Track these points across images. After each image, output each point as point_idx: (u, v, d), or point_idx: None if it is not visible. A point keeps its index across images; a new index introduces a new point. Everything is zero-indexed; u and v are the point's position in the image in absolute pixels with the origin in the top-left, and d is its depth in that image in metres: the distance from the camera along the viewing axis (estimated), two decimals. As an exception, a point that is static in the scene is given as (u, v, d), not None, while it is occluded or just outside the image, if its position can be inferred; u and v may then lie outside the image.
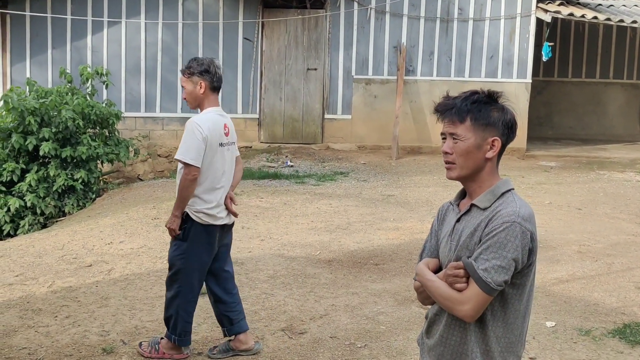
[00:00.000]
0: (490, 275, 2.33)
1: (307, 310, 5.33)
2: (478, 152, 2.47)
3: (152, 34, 13.42)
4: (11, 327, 4.93)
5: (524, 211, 2.40)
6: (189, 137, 4.33)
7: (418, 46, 13.87)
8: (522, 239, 2.36)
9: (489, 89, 2.57)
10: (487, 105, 2.50)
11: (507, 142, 2.50)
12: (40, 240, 7.69)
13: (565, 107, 16.99)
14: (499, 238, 2.35)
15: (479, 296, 2.35)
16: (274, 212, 8.65)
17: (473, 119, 2.47)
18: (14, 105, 9.88)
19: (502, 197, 2.46)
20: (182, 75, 4.47)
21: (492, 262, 2.34)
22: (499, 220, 2.38)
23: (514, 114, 2.53)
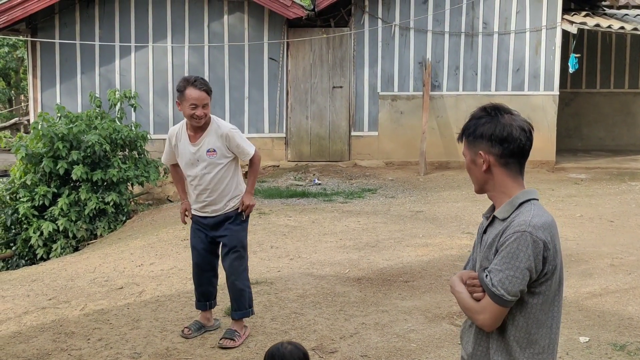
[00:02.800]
0: (503, 286, 2.36)
1: (337, 329, 5.32)
2: (475, 167, 2.55)
3: (179, 56, 13.58)
4: (45, 351, 4.98)
5: (536, 220, 2.40)
6: (241, 137, 5.12)
7: (443, 61, 13.86)
8: (534, 247, 2.36)
9: (492, 103, 2.62)
10: (479, 120, 2.55)
11: (506, 152, 2.49)
12: (72, 263, 7.78)
13: (594, 118, 16.81)
14: (511, 248, 2.37)
15: (493, 307, 2.39)
16: (303, 230, 8.66)
17: (467, 136, 2.57)
18: (43, 132, 10.05)
19: (520, 208, 2.47)
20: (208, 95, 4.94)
21: (505, 273, 2.36)
22: (510, 230, 2.40)
23: (512, 123, 2.52)
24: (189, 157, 5.01)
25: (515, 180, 2.52)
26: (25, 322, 5.60)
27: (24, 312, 5.87)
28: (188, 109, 4.82)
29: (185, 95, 4.80)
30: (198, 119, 4.82)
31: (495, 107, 2.58)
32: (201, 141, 4.94)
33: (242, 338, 5.06)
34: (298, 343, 3.25)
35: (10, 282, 7.03)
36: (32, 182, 10.10)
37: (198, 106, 4.79)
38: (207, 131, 4.93)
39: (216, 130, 4.93)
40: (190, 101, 4.78)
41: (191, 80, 4.85)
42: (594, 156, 15.28)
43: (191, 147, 4.98)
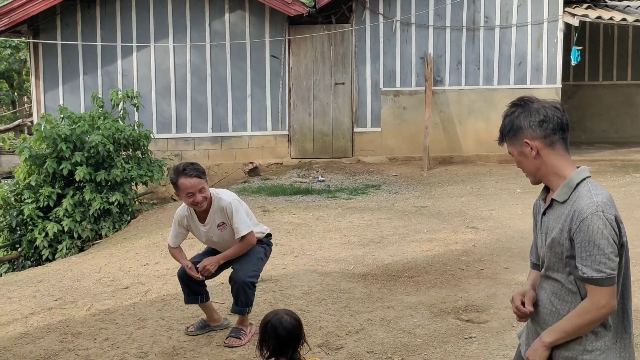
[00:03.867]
0: (600, 269, 2.49)
1: (343, 326, 5.32)
2: (525, 159, 2.67)
3: (181, 55, 13.59)
4: (52, 351, 4.99)
5: (600, 198, 2.53)
6: (239, 213, 4.99)
7: (445, 56, 13.85)
8: (610, 224, 2.50)
9: (519, 97, 2.74)
10: (512, 115, 2.68)
11: (549, 132, 2.63)
12: (77, 264, 7.80)
13: (597, 111, 16.78)
14: (589, 233, 2.49)
15: (606, 291, 2.51)
16: (307, 227, 8.66)
17: (506, 137, 2.70)
18: (46, 134, 10.08)
19: (578, 188, 2.59)
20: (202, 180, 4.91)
21: (596, 258, 2.49)
22: (581, 215, 2.51)
23: (545, 105, 2.65)
24: (203, 235, 5.13)
25: (565, 159, 2.67)
26: (32, 323, 5.62)
27: (30, 313, 5.89)
28: (187, 199, 4.86)
29: (180, 186, 4.81)
30: (199, 205, 4.88)
31: (522, 99, 2.71)
32: (209, 220, 5.04)
33: (248, 336, 5.07)
34: (291, 311, 3.38)
35: (17, 283, 7.05)
36: (36, 183, 10.12)
37: (195, 193, 4.81)
38: (211, 209, 5.00)
39: (218, 204, 4.99)
40: (186, 190, 4.81)
41: (180, 169, 4.84)
42: (597, 149, 15.25)
43: (203, 228, 5.08)
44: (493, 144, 13.77)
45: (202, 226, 5.05)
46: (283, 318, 3.27)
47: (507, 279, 6.33)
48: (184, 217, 5.10)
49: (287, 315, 3.30)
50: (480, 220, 8.82)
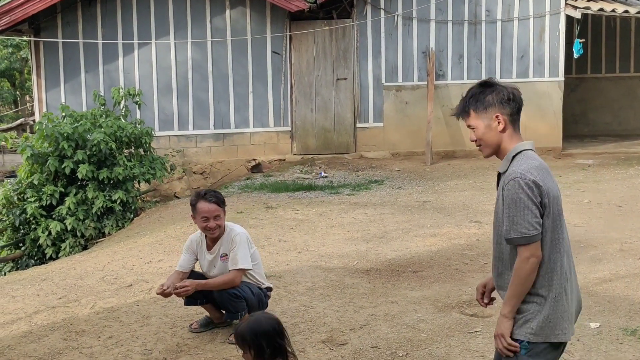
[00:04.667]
0: (517, 229, 2.84)
1: (347, 321, 5.31)
2: (491, 131, 3.02)
3: (182, 52, 13.57)
4: (56, 349, 4.99)
5: (523, 167, 2.89)
6: (242, 248, 4.98)
7: (447, 50, 13.81)
8: (527, 187, 2.84)
9: (483, 80, 3.11)
10: (481, 94, 3.03)
11: (514, 110, 3.03)
12: (81, 262, 7.80)
13: (600, 104, 16.74)
14: (510, 196, 2.87)
15: (526, 248, 2.85)
16: (310, 223, 8.65)
17: (475, 109, 3.03)
18: (48, 132, 10.07)
19: (513, 160, 2.97)
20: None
21: (515, 218, 2.84)
22: (505, 181, 2.91)
23: (509, 88, 3.05)
24: (206, 264, 5.14)
25: (519, 137, 3.04)
26: (36, 321, 5.62)
27: (34, 311, 5.89)
28: (200, 222, 4.94)
29: (197, 209, 4.92)
30: (211, 231, 4.94)
31: (487, 81, 3.08)
32: (216, 249, 5.07)
33: None
34: (271, 315, 3.20)
35: (20, 282, 7.05)
36: (39, 181, 10.13)
37: (209, 218, 4.89)
38: (221, 239, 5.05)
39: (229, 234, 5.03)
40: (202, 214, 4.90)
41: (202, 194, 4.98)
42: (600, 141, 15.22)
43: (208, 255, 5.11)
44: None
45: (208, 254, 5.10)
46: (258, 319, 3.08)
47: (511, 272, 6.30)
48: (194, 241, 5.16)
49: (261, 317, 3.12)
50: (484, 214, 8.80)
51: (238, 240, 4.96)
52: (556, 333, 2.91)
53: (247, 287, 5.03)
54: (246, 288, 5.01)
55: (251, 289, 5.04)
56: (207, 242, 5.10)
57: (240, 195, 11.03)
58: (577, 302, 3.06)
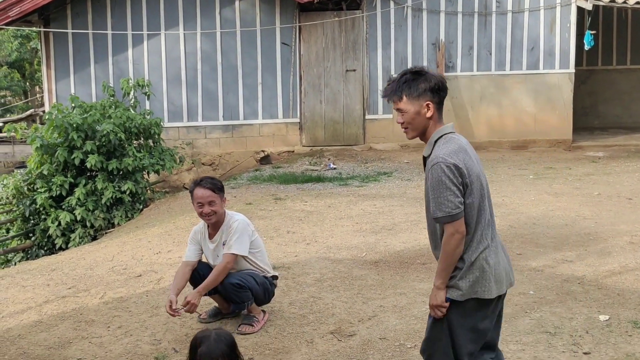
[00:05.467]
0: (442, 209, 3.15)
1: (355, 312, 5.32)
2: (419, 117, 3.27)
3: (191, 43, 13.57)
4: (66, 339, 5.02)
5: (444, 151, 3.18)
6: (239, 234, 4.98)
7: (457, 42, 13.76)
8: (449, 170, 3.13)
9: (412, 67, 3.34)
10: (414, 81, 3.25)
11: (441, 99, 3.29)
12: (90, 252, 7.83)
13: (611, 96, 16.64)
14: (433, 179, 3.17)
15: (450, 226, 3.16)
16: (319, 215, 8.66)
17: (407, 95, 3.26)
18: (57, 123, 10.10)
19: (436, 144, 3.26)
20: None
21: (439, 199, 3.15)
22: (428, 166, 3.22)
23: (439, 77, 3.28)
24: (210, 253, 5.15)
25: (441, 121, 3.32)
26: (46, 311, 5.65)
27: (44, 301, 5.92)
28: (197, 208, 4.99)
29: (193, 195, 4.98)
30: (206, 216, 4.96)
31: (417, 68, 3.31)
32: (217, 238, 5.08)
33: (260, 323, 5.08)
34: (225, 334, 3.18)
35: (30, 271, 7.09)
36: (48, 172, 10.16)
37: (204, 204, 4.92)
38: (222, 227, 5.06)
39: (228, 222, 5.05)
40: (197, 200, 4.95)
41: (198, 180, 5.04)
42: (611, 134, 15.15)
43: (210, 244, 5.12)
44: (505, 130, 13.74)
45: (210, 243, 5.11)
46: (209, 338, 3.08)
47: (520, 265, 6.30)
48: (198, 232, 5.18)
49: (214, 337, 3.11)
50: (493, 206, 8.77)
51: (235, 226, 4.97)
52: (479, 291, 3.22)
53: (251, 277, 5.03)
54: (250, 278, 5.02)
55: (255, 279, 5.05)
56: (209, 231, 5.12)
57: (249, 187, 11.04)
58: (505, 270, 3.34)
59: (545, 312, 5.14)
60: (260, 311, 5.17)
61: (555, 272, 6.09)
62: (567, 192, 9.56)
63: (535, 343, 4.62)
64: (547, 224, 7.82)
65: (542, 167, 11.80)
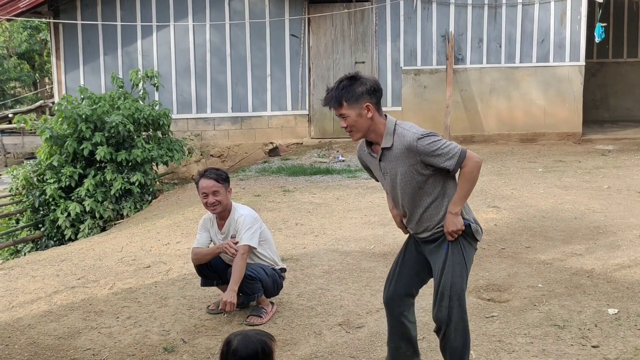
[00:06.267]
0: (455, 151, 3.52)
1: (363, 304, 5.32)
2: (362, 118, 3.55)
3: (200, 35, 13.57)
4: (75, 329, 5.05)
5: (414, 129, 3.57)
6: (248, 227, 4.99)
7: (466, 34, 13.70)
8: (433, 134, 3.55)
9: (349, 73, 3.59)
10: (350, 87, 3.51)
11: (378, 99, 3.59)
12: (99, 243, 7.86)
13: (621, 89, 16.56)
14: (431, 147, 3.50)
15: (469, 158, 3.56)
16: (327, 207, 8.66)
17: (346, 101, 3.52)
18: (66, 114, 10.12)
19: (396, 131, 3.58)
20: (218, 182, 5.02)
21: (444, 150, 3.51)
22: (412, 145, 3.52)
23: (373, 80, 3.58)
24: (219, 244, 5.15)
25: (382, 119, 3.61)
26: (56, 301, 5.68)
27: (54, 291, 5.95)
28: (202, 198, 5.02)
29: (199, 186, 5.02)
30: (211, 206, 4.99)
31: (351, 74, 3.56)
32: (226, 229, 5.10)
33: (269, 315, 5.09)
34: (258, 336, 2.88)
35: (40, 262, 7.13)
36: (58, 163, 10.20)
37: (208, 194, 4.95)
38: (229, 219, 5.08)
39: (234, 215, 5.06)
40: (202, 190, 4.98)
41: (203, 171, 5.07)
42: (621, 127, 15.07)
43: (219, 235, 5.14)
44: (515, 123, 13.69)
45: (219, 234, 5.13)
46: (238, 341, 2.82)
47: (528, 258, 6.29)
48: (207, 219, 5.21)
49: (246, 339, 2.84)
50: (502, 199, 8.76)
51: (242, 220, 4.98)
52: (478, 229, 3.75)
53: (261, 269, 5.05)
54: (260, 269, 5.04)
55: (265, 270, 5.06)
56: (217, 220, 5.13)
57: (258, 179, 11.05)
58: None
59: (554, 305, 5.13)
60: (269, 303, 5.18)
61: (564, 266, 6.07)
62: (576, 186, 9.53)
63: (543, 336, 4.61)
64: (556, 217, 7.79)
65: (552, 160, 11.76)
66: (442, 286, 3.68)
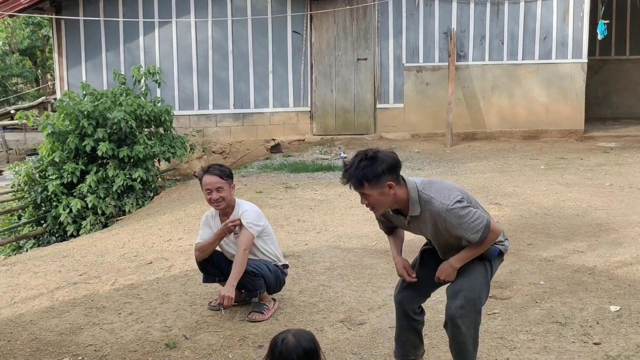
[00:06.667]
0: (482, 224, 3.51)
1: (365, 301, 5.32)
2: (384, 196, 3.50)
3: (202, 31, 13.56)
4: (77, 325, 5.05)
5: (440, 197, 3.49)
6: (252, 219, 5.01)
7: (469, 31, 13.68)
8: (460, 206, 3.47)
9: (362, 151, 3.52)
10: (372, 167, 3.44)
11: (399, 173, 3.53)
12: (101, 239, 7.87)
13: (623, 86, 16.53)
14: (457, 221, 3.48)
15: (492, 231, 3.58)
16: (329, 204, 8.66)
17: (367, 182, 3.45)
18: (68, 110, 10.13)
19: (421, 198, 3.53)
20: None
21: (472, 225, 3.50)
22: (442, 212, 3.47)
23: (392, 155, 3.51)
24: (223, 241, 5.15)
25: (403, 188, 3.55)
26: (58, 297, 5.69)
27: (55, 287, 5.96)
28: (205, 194, 5.00)
29: (202, 182, 5.00)
30: (215, 202, 4.97)
31: (367, 152, 3.49)
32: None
33: (270, 311, 5.09)
34: (306, 335, 2.92)
35: (42, 258, 7.13)
36: (60, 159, 10.20)
37: (212, 190, 4.93)
38: (232, 215, 5.06)
39: (237, 211, 5.05)
40: (205, 186, 4.96)
41: (206, 167, 5.05)
42: (623, 124, 15.05)
43: None
44: (517, 120, 13.68)
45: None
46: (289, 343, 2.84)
47: (530, 255, 6.28)
48: (209, 216, 5.19)
49: (295, 338, 2.87)
50: (504, 196, 8.76)
51: (246, 216, 4.98)
52: (508, 245, 3.86)
53: (265, 265, 5.05)
54: (263, 265, 5.03)
55: (268, 267, 5.06)
56: (220, 217, 5.12)
57: (260, 175, 11.05)
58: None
59: (556, 303, 5.13)
60: (271, 299, 5.18)
61: (566, 263, 6.07)
62: (578, 183, 9.52)
63: (545, 333, 4.61)
64: (558, 214, 7.79)
65: (554, 157, 11.75)
66: (459, 286, 3.67)
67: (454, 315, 3.63)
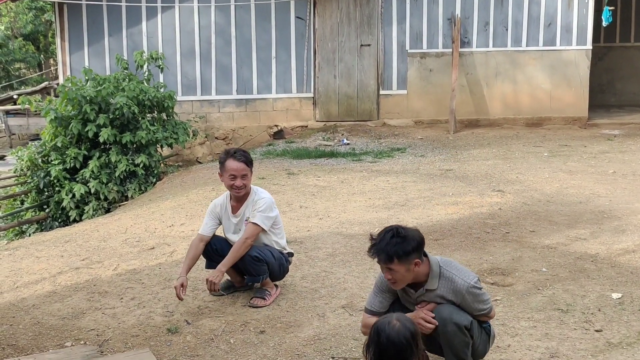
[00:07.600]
0: (489, 304, 3.76)
1: (367, 287, 5.32)
2: (409, 273, 3.61)
3: (205, 16, 13.51)
4: (79, 310, 5.06)
5: (462, 275, 3.68)
6: (265, 207, 5.02)
7: (473, 17, 13.62)
8: (478, 286, 3.69)
9: (388, 228, 3.62)
10: (403, 244, 3.54)
11: (423, 250, 3.65)
12: (104, 224, 7.88)
13: (628, 73, 16.47)
14: (474, 299, 3.67)
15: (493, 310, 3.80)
16: (332, 190, 8.65)
17: (397, 258, 3.55)
18: (71, 96, 10.11)
19: (442, 275, 3.68)
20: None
21: (483, 305, 3.72)
22: (462, 289, 3.64)
23: (418, 233, 3.64)
24: (232, 227, 5.14)
25: (426, 263, 3.68)
26: (60, 281, 5.70)
27: (58, 272, 5.97)
28: (228, 180, 4.95)
29: (225, 167, 4.95)
30: (237, 189, 4.96)
31: (398, 229, 3.58)
32: (241, 212, 5.07)
33: (272, 297, 5.10)
34: (408, 318, 3.08)
35: (45, 243, 7.15)
36: (62, 144, 10.20)
37: (237, 177, 4.91)
38: (246, 202, 5.05)
39: (253, 198, 5.04)
40: (230, 172, 4.92)
41: (231, 152, 5.00)
42: (627, 112, 15.00)
43: (233, 219, 5.11)
44: (520, 107, 13.63)
45: (233, 217, 5.10)
46: (395, 327, 2.97)
47: (533, 242, 6.28)
48: (219, 205, 5.16)
49: (399, 322, 3.00)
50: (507, 183, 8.74)
51: (262, 203, 4.98)
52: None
53: (269, 251, 5.05)
54: (267, 252, 5.03)
55: (272, 253, 5.06)
56: (232, 204, 5.11)
57: (262, 161, 11.04)
58: None
59: (558, 290, 5.13)
60: (273, 285, 5.18)
61: (569, 250, 6.06)
62: (581, 170, 9.50)
63: (547, 320, 4.61)
64: (561, 201, 7.78)
65: (557, 144, 11.72)
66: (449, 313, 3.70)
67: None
